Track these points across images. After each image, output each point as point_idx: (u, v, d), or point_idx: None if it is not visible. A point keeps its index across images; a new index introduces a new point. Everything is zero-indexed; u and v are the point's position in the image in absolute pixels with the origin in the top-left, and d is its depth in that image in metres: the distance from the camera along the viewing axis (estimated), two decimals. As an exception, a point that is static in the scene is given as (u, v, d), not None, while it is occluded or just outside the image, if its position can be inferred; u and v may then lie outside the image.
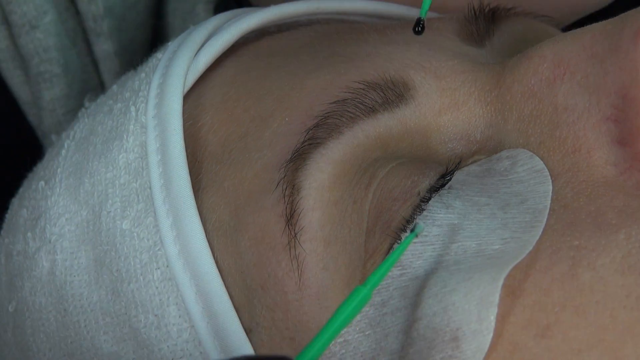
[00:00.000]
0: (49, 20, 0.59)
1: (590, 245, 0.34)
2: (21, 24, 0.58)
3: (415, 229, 0.36)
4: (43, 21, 0.59)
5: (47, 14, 0.59)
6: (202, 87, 0.44)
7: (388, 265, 0.35)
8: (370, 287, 0.34)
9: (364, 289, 0.34)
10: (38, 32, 0.59)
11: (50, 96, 0.60)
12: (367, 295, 0.34)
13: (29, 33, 0.59)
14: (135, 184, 0.42)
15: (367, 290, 0.34)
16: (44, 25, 0.59)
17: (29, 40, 0.59)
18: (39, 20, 0.59)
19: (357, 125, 0.39)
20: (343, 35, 0.45)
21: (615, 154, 0.36)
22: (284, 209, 0.38)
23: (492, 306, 0.34)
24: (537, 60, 0.38)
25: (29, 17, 0.58)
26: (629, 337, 0.33)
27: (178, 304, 0.39)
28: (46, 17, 0.59)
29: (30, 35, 0.59)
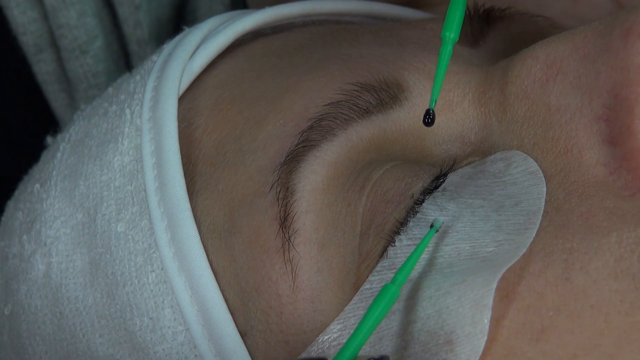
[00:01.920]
0: (99, 46, 0.59)
1: (582, 248, 0.34)
2: (71, 48, 0.59)
3: (435, 224, 0.36)
4: (93, 46, 0.59)
5: (97, 39, 0.59)
6: (196, 89, 0.44)
7: (413, 262, 0.36)
8: (398, 284, 0.35)
9: (393, 286, 0.35)
10: (88, 57, 0.59)
11: None
12: (395, 292, 0.35)
13: (78, 58, 0.59)
14: (130, 187, 0.42)
15: (396, 287, 0.35)
16: (94, 51, 0.59)
17: (78, 65, 0.60)
18: (90, 46, 0.59)
19: (351, 127, 0.39)
20: (337, 37, 0.45)
21: (606, 154, 0.36)
22: (278, 211, 0.38)
23: (486, 309, 0.34)
24: (529, 62, 0.38)
25: (80, 42, 0.59)
26: (625, 343, 0.33)
27: (173, 307, 0.39)
28: (96, 42, 0.59)
29: (80, 60, 0.60)
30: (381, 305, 0.34)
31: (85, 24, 0.59)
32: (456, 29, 0.38)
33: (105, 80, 0.60)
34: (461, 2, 0.38)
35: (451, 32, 0.38)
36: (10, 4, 0.58)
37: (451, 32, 0.38)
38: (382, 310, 0.34)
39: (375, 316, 0.34)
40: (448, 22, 0.38)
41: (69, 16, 0.58)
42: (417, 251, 0.36)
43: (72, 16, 0.58)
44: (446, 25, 0.38)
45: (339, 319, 0.37)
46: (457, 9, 0.38)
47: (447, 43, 0.38)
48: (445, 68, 0.38)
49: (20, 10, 0.58)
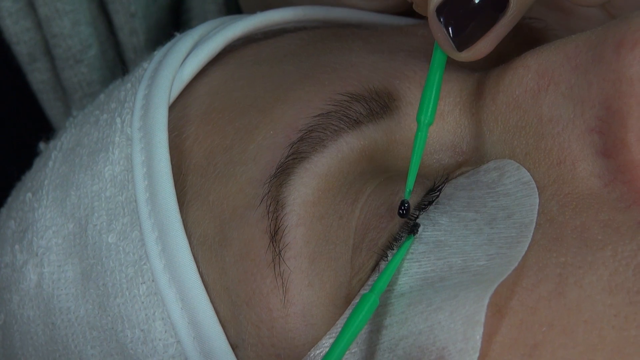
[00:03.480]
0: (93, 54, 0.59)
1: (576, 262, 0.34)
2: (65, 57, 0.59)
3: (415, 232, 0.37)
4: (87, 55, 0.59)
5: (92, 47, 0.59)
6: (187, 97, 0.44)
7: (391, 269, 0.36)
8: (377, 293, 0.35)
9: (372, 295, 0.35)
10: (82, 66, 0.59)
11: None
12: (375, 301, 0.35)
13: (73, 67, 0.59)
14: (121, 197, 0.41)
15: (375, 296, 0.35)
16: (89, 60, 0.59)
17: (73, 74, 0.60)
18: (84, 55, 0.59)
19: (342, 138, 0.39)
20: (328, 44, 0.45)
21: (600, 166, 0.36)
22: (268, 225, 0.38)
23: (478, 325, 0.34)
24: (521, 71, 0.38)
25: (74, 51, 0.59)
26: (619, 358, 0.33)
27: (164, 319, 0.39)
28: (90, 51, 0.59)
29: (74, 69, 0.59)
30: (360, 315, 0.34)
31: (79, 33, 0.58)
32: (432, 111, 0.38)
33: (100, 89, 0.60)
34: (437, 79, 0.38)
35: (426, 116, 0.38)
36: (3, 13, 0.58)
37: (426, 115, 0.38)
38: (361, 320, 0.34)
39: (354, 327, 0.34)
40: (423, 103, 0.38)
41: (63, 25, 0.58)
42: (395, 258, 0.36)
43: (66, 25, 0.58)
44: (421, 106, 0.38)
45: (331, 333, 0.37)
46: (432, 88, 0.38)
47: (422, 127, 0.38)
48: (420, 155, 0.38)
49: (12, 20, 0.58)
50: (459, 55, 0.37)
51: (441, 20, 0.37)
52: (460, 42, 0.37)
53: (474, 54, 0.37)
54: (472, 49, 0.37)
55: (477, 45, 0.37)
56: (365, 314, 0.35)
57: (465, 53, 0.37)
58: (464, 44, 0.37)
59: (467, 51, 0.37)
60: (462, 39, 0.37)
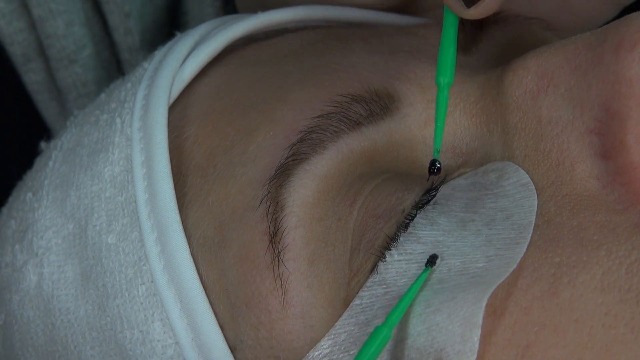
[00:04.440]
0: (88, 54, 0.59)
1: (571, 262, 0.34)
2: (60, 58, 0.59)
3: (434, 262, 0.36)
4: (82, 55, 0.59)
5: (86, 47, 0.59)
6: (187, 98, 0.44)
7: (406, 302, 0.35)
8: (390, 326, 0.35)
9: (385, 328, 0.35)
10: (77, 66, 0.59)
11: None
12: (387, 335, 0.35)
13: (67, 67, 0.59)
14: (121, 198, 0.41)
15: (388, 329, 0.35)
16: (83, 59, 0.59)
17: (67, 75, 0.59)
18: (78, 55, 0.59)
19: (342, 139, 0.39)
20: (328, 44, 0.44)
21: (598, 168, 0.36)
22: (268, 226, 0.38)
23: (476, 327, 0.34)
24: (521, 72, 0.38)
25: (68, 52, 0.59)
26: (607, 356, 0.33)
27: (163, 320, 0.39)
28: (85, 51, 0.59)
29: (68, 70, 0.59)
30: (372, 348, 0.34)
31: (73, 33, 0.58)
32: (450, 72, 0.38)
33: (95, 89, 0.60)
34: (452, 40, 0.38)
35: (445, 77, 0.38)
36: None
37: (445, 76, 0.38)
38: (373, 354, 0.34)
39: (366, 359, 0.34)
40: (441, 65, 0.38)
41: (57, 26, 0.58)
42: (410, 291, 0.35)
43: (60, 26, 0.58)
44: (439, 69, 0.38)
45: (330, 334, 0.37)
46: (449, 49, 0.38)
47: (443, 89, 0.38)
48: (444, 116, 0.38)
49: (6, 21, 0.58)
50: (467, 12, 0.37)
51: None
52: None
53: (483, 9, 0.37)
54: (480, 4, 0.37)
55: (485, 2, 0.37)
56: (377, 347, 0.35)
57: (473, 10, 0.37)
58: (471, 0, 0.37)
59: (475, 7, 0.37)
60: None
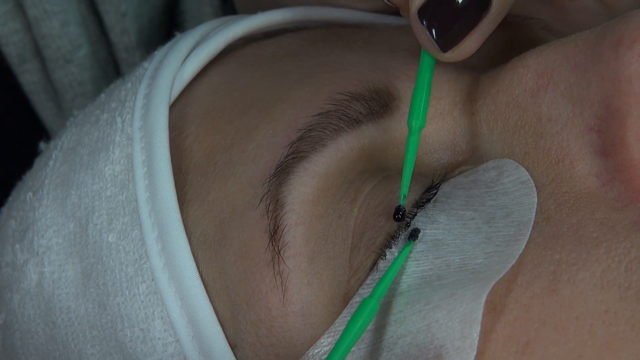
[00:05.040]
0: (84, 54, 0.59)
1: (571, 259, 0.34)
2: (55, 58, 0.59)
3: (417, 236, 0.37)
4: (77, 55, 0.59)
5: (82, 47, 0.59)
6: (188, 97, 0.44)
7: (392, 274, 0.36)
8: (377, 298, 0.35)
9: (372, 300, 0.35)
10: (73, 66, 0.59)
11: None
12: (374, 306, 0.35)
13: (63, 67, 0.59)
14: (122, 197, 0.41)
15: (375, 301, 0.35)
16: (79, 59, 0.59)
17: (63, 75, 0.59)
18: (74, 55, 0.59)
19: (341, 137, 0.39)
20: (328, 43, 0.45)
21: (598, 165, 0.36)
22: (268, 224, 0.38)
23: (475, 323, 0.34)
24: (520, 71, 0.38)
25: (64, 52, 0.59)
26: (607, 353, 0.33)
27: (163, 318, 0.39)
28: (81, 50, 0.59)
29: (64, 70, 0.59)
30: (360, 320, 0.35)
31: (68, 34, 0.58)
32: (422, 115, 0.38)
33: (91, 89, 0.60)
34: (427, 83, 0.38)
35: (418, 120, 0.38)
36: (-9, 16, 0.58)
37: (418, 119, 0.38)
38: (362, 325, 0.34)
39: (354, 332, 0.34)
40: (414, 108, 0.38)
41: (52, 26, 0.58)
42: (395, 263, 0.36)
43: (55, 26, 0.58)
44: (412, 112, 0.38)
45: (329, 332, 0.37)
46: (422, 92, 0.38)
47: (414, 132, 0.38)
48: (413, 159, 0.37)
49: (1, 22, 0.58)
50: (443, 56, 0.37)
51: (424, 22, 0.37)
52: (445, 44, 0.37)
53: (458, 54, 0.37)
54: (457, 49, 0.37)
55: (462, 46, 0.37)
56: (365, 319, 0.35)
57: (450, 54, 0.37)
58: (448, 45, 0.37)
59: (451, 52, 0.37)
60: (446, 40, 0.37)
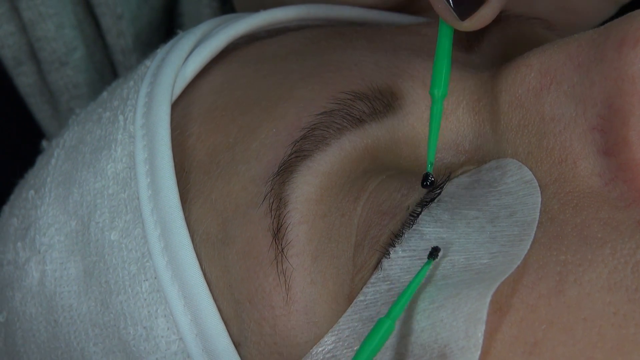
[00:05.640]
0: (79, 56, 0.59)
1: (576, 260, 0.34)
2: (51, 60, 0.59)
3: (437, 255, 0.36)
4: (73, 57, 0.59)
5: (77, 50, 0.59)
6: (190, 95, 0.44)
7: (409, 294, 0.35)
8: (393, 318, 0.35)
9: (388, 320, 0.35)
10: (68, 68, 0.59)
11: None
12: (390, 326, 0.35)
13: (58, 70, 0.59)
14: (124, 195, 0.41)
15: (391, 321, 0.35)
16: (74, 62, 0.59)
17: (59, 77, 0.59)
18: (69, 57, 0.59)
19: (345, 136, 0.39)
20: (331, 42, 0.45)
21: (601, 165, 0.36)
22: (271, 222, 0.38)
23: (480, 323, 0.34)
24: (524, 70, 0.38)
25: (59, 54, 0.58)
26: (618, 355, 0.33)
27: (166, 316, 0.39)
28: (76, 53, 0.59)
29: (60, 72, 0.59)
30: (375, 340, 0.34)
31: (63, 36, 0.58)
32: (445, 84, 0.38)
33: (87, 91, 0.60)
34: (447, 52, 0.38)
35: (440, 89, 0.38)
36: (-14, 18, 0.58)
37: (440, 88, 0.38)
38: (376, 346, 0.34)
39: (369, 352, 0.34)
40: (435, 77, 0.38)
41: (47, 29, 0.58)
42: (413, 283, 0.35)
43: (50, 29, 0.58)
44: (433, 81, 0.38)
45: (333, 331, 0.37)
46: (443, 61, 0.38)
47: (437, 100, 0.38)
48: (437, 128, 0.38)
49: None
50: (461, 24, 0.37)
51: None
52: (462, 11, 0.36)
53: (477, 21, 0.37)
54: (475, 17, 0.37)
55: (480, 13, 0.36)
56: (380, 339, 0.35)
57: (468, 22, 0.37)
58: (465, 13, 0.36)
59: (469, 20, 0.37)
60: (464, 8, 0.36)
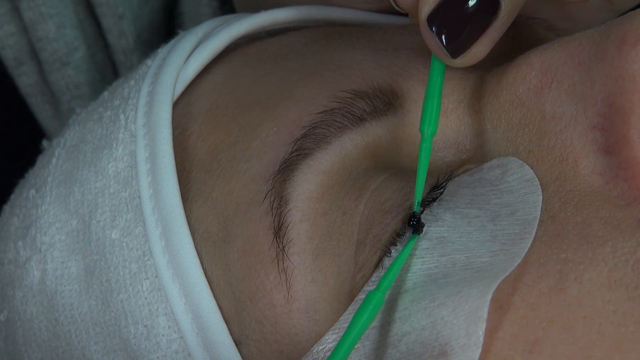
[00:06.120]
0: (80, 56, 0.59)
1: (577, 258, 0.34)
2: (52, 60, 0.59)
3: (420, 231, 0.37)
4: (74, 57, 0.59)
5: (78, 50, 0.59)
6: (191, 95, 0.44)
7: (397, 267, 0.36)
8: (383, 290, 0.35)
9: (378, 292, 0.35)
10: (69, 68, 0.59)
11: None
12: (380, 299, 0.35)
13: (59, 70, 0.59)
14: (125, 193, 0.41)
15: (381, 293, 0.35)
16: (75, 62, 0.59)
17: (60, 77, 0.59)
18: (70, 57, 0.59)
19: (345, 135, 0.39)
20: (332, 42, 0.45)
21: (601, 163, 0.36)
22: (272, 221, 0.38)
23: (481, 321, 0.34)
24: (524, 69, 0.38)
25: (60, 54, 0.59)
26: (617, 354, 0.33)
27: (167, 315, 0.39)
28: (77, 53, 0.59)
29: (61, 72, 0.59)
30: (366, 313, 0.35)
31: (64, 36, 0.58)
32: (435, 121, 0.38)
33: (88, 91, 0.60)
34: (438, 89, 0.38)
35: (430, 126, 0.38)
36: (-13, 19, 0.58)
37: (430, 126, 0.38)
38: (367, 318, 0.35)
39: (360, 324, 0.34)
40: (425, 114, 0.38)
41: (48, 29, 0.58)
42: (400, 257, 0.36)
43: (51, 29, 0.58)
44: (424, 118, 0.38)
45: (334, 329, 0.37)
46: (434, 98, 0.38)
47: (427, 139, 0.38)
48: (426, 166, 0.38)
49: None
50: (453, 62, 0.37)
51: (433, 29, 0.37)
52: (454, 49, 0.37)
53: (469, 59, 0.37)
54: (467, 54, 0.37)
55: (472, 51, 0.37)
56: (371, 311, 0.35)
57: (460, 59, 0.37)
58: (458, 50, 0.37)
59: (462, 57, 0.37)
60: (456, 45, 0.37)
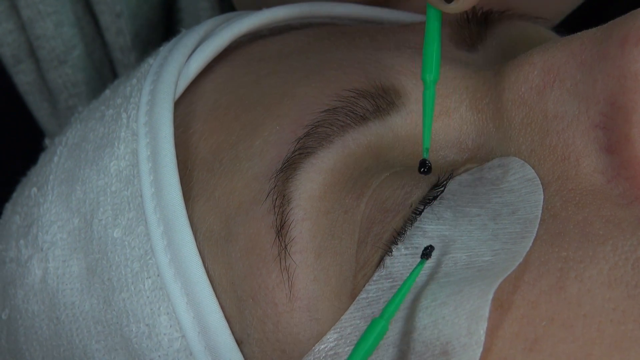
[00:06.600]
0: (78, 55, 0.59)
1: (578, 256, 0.34)
2: (50, 59, 0.59)
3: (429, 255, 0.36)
4: (72, 55, 0.59)
5: (76, 48, 0.59)
6: (193, 93, 0.44)
7: (402, 294, 0.35)
8: (387, 318, 0.35)
9: (381, 321, 0.35)
10: (67, 67, 0.59)
11: None
12: (384, 327, 0.35)
13: (57, 68, 0.59)
14: (127, 192, 0.41)
15: (385, 321, 0.35)
16: (73, 60, 0.59)
17: (57, 75, 0.60)
18: (68, 55, 0.59)
19: (348, 133, 0.39)
20: (334, 40, 0.45)
21: (603, 162, 0.36)
22: (274, 219, 0.38)
23: (482, 320, 0.34)
24: (527, 68, 0.38)
25: (58, 52, 0.59)
26: (616, 352, 0.33)
27: (169, 314, 0.39)
28: (75, 51, 0.59)
29: (58, 71, 0.59)
30: (369, 341, 0.34)
31: (62, 34, 0.58)
32: (435, 68, 0.38)
33: (85, 90, 0.60)
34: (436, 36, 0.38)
35: (431, 73, 0.38)
36: (-15, 17, 0.58)
37: (431, 72, 0.38)
38: (371, 346, 0.34)
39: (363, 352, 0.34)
40: (426, 61, 0.38)
41: (46, 27, 0.58)
42: (407, 283, 0.36)
43: (49, 27, 0.58)
44: (424, 66, 0.38)
45: (335, 328, 0.37)
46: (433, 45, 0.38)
47: (429, 86, 0.38)
48: (431, 113, 0.37)
49: None
50: (447, 7, 0.37)
51: None
52: None
53: (462, 3, 0.37)
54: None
55: None
56: (375, 339, 0.35)
57: (454, 4, 0.37)
58: None
59: (455, 1, 0.37)
60: None
